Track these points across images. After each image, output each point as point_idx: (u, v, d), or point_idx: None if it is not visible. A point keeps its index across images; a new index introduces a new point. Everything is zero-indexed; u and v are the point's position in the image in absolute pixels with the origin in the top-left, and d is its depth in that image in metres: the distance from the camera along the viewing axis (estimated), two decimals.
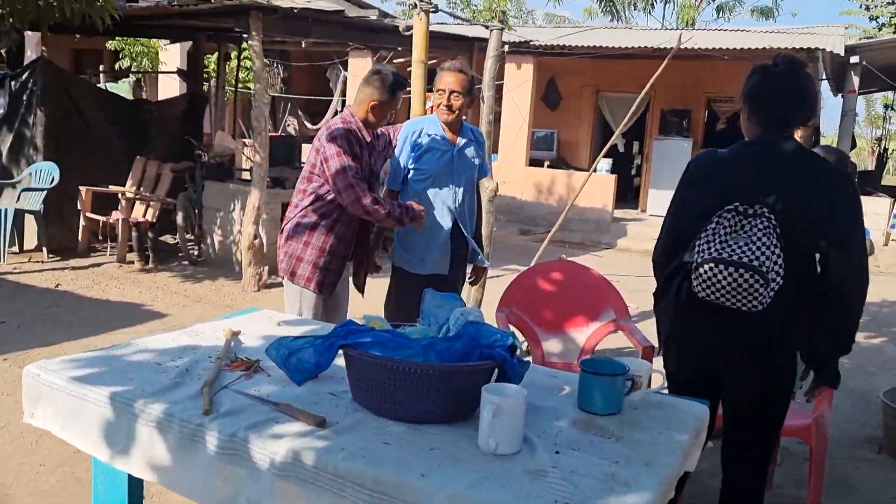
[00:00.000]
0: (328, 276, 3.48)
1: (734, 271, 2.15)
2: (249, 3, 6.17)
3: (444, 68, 3.53)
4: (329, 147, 3.29)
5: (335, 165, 3.26)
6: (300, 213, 3.44)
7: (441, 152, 3.59)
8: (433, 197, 3.60)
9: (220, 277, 7.42)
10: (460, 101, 3.52)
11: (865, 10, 19.24)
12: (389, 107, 3.43)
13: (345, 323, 2.00)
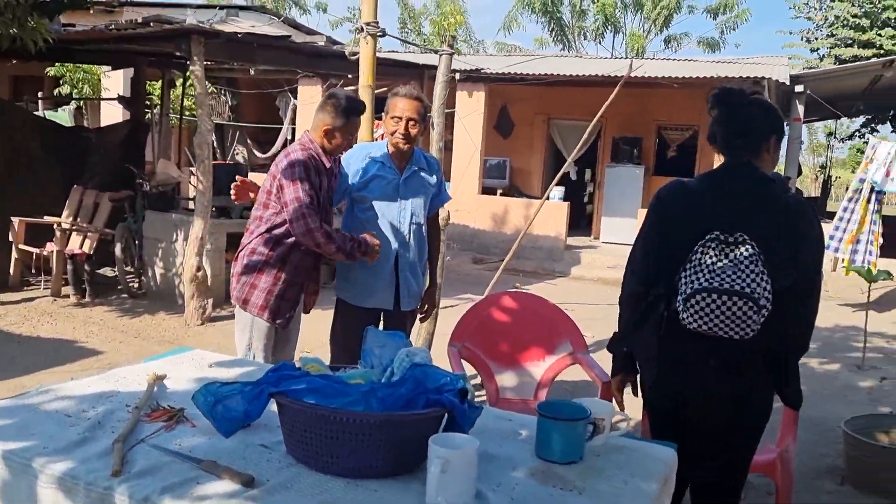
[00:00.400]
0: (283, 306, 3.35)
1: (727, 300, 2.12)
2: (190, 27, 5.96)
3: (399, 94, 3.36)
4: (286, 174, 3.17)
5: (290, 194, 3.15)
6: (256, 240, 3.31)
7: (387, 180, 3.43)
8: (377, 227, 3.42)
9: (161, 311, 7.10)
10: (417, 129, 3.37)
11: (806, 41, 19.82)
12: (345, 131, 3.27)
13: (278, 366, 1.80)
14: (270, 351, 3.41)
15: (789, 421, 3.14)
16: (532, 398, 3.48)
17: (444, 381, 1.75)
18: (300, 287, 3.40)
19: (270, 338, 3.37)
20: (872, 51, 16.67)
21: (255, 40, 6.58)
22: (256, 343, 3.34)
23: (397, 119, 3.33)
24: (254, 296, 3.29)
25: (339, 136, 3.25)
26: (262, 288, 3.29)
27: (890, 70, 11.08)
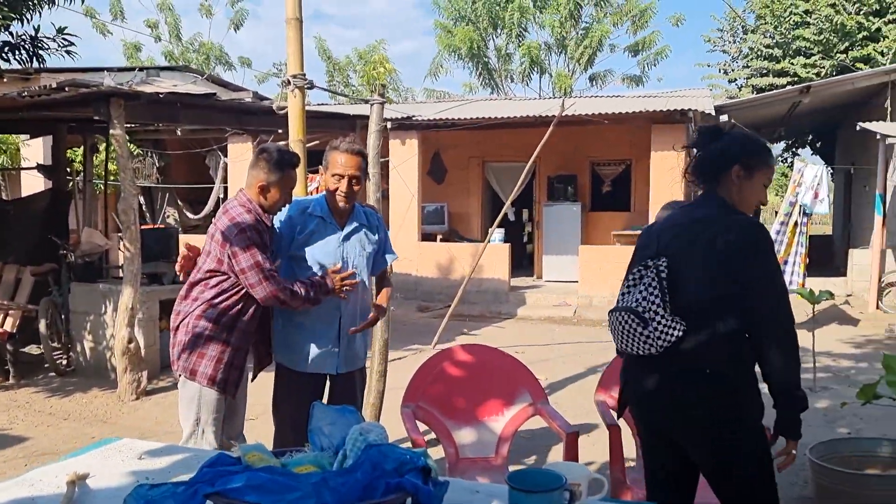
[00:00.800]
0: (232, 374, 3.16)
1: (619, 315, 2.36)
2: (108, 89, 5.73)
3: (340, 149, 3.19)
4: (237, 240, 3.03)
5: (246, 261, 3.02)
6: (202, 306, 3.11)
7: (327, 238, 3.25)
8: None
9: (94, 388, 6.69)
10: (359, 187, 3.23)
11: (724, 73, 20.52)
12: (281, 186, 3.12)
13: (213, 459, 1.59)
14: (221, 425, 3.18)
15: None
16: (494, 455, 3.30)
17: (403, 460, 1.57)
18: (246, 353, 3.23)
19: (220, 410, 3.16)
20: (787, 79, 17.32)
21: (179, 100, 6.36)
22: (206, 416, 3.13)
23: (339, 177, 3.18)
24: (202, 365, 3.10)
25: (274, 191, 3.12)
26: (210, 356, 3.10)
27: (807, 96, 11.49)
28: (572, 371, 7.52)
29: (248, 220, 3.04)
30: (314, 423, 1.80)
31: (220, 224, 3.09)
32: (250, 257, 3.00)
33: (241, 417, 3.36)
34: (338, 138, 3.29)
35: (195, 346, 3.08)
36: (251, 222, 3.04)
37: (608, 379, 3.44)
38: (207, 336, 3.08)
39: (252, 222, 3.04)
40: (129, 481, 1.97)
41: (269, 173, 3.09)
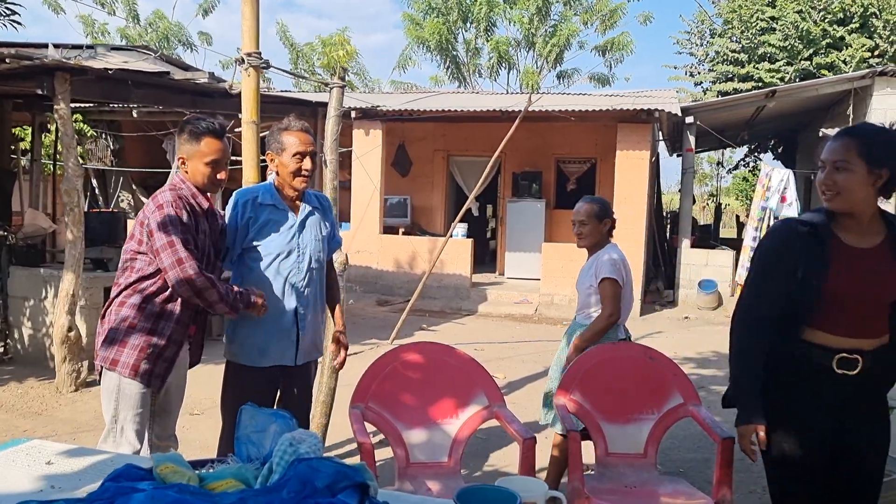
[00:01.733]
0: (159, 366, 2.89)
1: None
2: (53, 62, 5.41)
3: (293, 129, 3.04)
4: (154, 217, 2.79)
5: (160, 239, 2.77)
6: (126, 292, 2.87)
7: (281, 225, 3.07)
8: (274, 277, 3.06)
9: (30, 378, 6.36)
10: (315, 164, 3.09)
11: (690, 76, 20.59)
12: (200, 155, 2.86)
13: (118, 472, 1.38)
14: (146, 423, 2.94)
15: (724, 464, 2.89)
16: (447, 459, 3.12)
17: (337, 477, 1.38)
18: (180, 346, 2.96)
19: (145, 406, 2.90)
20: (751, 83, 17.42)
21: (130, 77, 6.05)
22: (125, 413, 2.86)
23: (300, 155, 3.01)
24: (123, 355, 2.83)
25: (194, 161, 2.87)
26: (133, 345, 2.83)
27: (772, 100, 11.51)
28: (531, 370, 7.39)
29: (168, 197, 2.81)
30: (241, 430, 1.61)
31: (146, 204, 2.87)
32: (163, 236, 2.75)
33: (174, 417, 3.11)
34: (281, 121, 3.10)
35: (117, 333, 2.83)
36: (171, 199, 2.80)
37: (569, 381, 3.28)
38: (131, 323, 2.82)
39: (172, 199, 2.81)
40: (32, 489, 1.75)
41: (186, 143, 2.88)
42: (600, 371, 3.34)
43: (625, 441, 3.25)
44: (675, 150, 16.05)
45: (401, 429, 3.08)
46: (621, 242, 11.99)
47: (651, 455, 3.23)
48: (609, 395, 3.31)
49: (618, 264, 3.80)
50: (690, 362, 7.81)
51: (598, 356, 3.41)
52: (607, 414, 3.27)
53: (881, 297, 2.32)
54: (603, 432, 3.24)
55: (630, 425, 3.27)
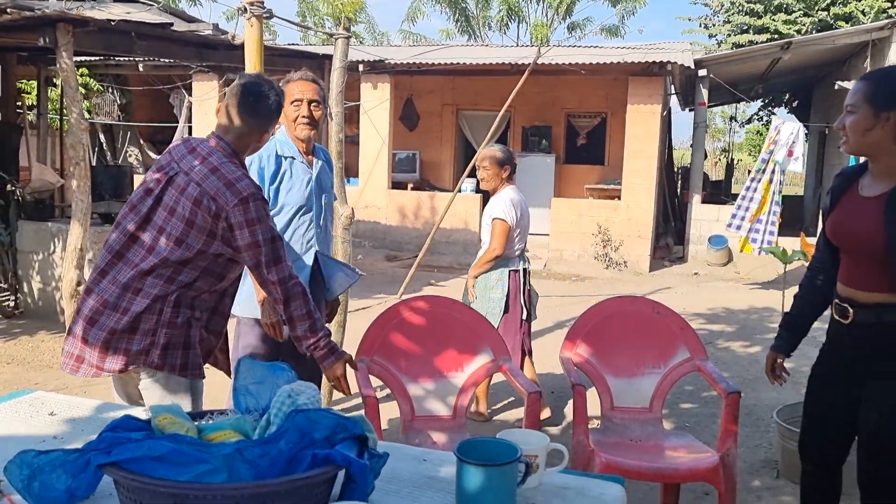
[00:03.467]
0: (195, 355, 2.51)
1: None
2: (54, 13, 5.32)
3: (294, 79, 3.05)
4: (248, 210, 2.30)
5: (263, 233, 2.32)
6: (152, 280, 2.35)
7: (301, 179, 3.09)
8: (293, 231, 3.09)
9: (41, 331, 6.41)
10: (320, 112, 3.07)
11: (704, 28, 20.20)
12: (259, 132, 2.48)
13: (116, 422, 1.37)
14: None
15: (730, 418, 2.88)
16: (452, 412, 3.13)
17: (336, 429, 1.37)
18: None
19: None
20: (767, 35, 17.07)
21: (133, 29, 5.96)
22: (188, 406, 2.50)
23: (298, 102, 3.01)
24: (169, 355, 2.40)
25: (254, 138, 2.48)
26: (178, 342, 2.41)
27: (787, 52, 11.27)
28: (539, 325, 7.38)
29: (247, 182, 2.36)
30: (239, 382, 1.60)
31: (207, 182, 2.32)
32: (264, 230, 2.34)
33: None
34: (292, 72, 3.10)
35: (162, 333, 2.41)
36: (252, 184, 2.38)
37: (575, 333, 3.27)
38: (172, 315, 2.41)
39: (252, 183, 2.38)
40: (34, 440, 1.76)
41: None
42: (607, 325, 3.32)
43: (630, 395, 3.23)
44: (688, 104, 15.82)
45: (406, 382, 3.08)
46: (633, 197, 11.97)
47: (657, 409, 3.23)
48: (615, 349, 3.28)
49: (509, 205, 4.36)
50: (699, 318, 7.79)
51: (605, 310, 3.37)
52: (613, 368, 3.25)
53: (866, 248, 2.27)
54: (609, 386, 3.22)
55: (636, 379, 3.24)
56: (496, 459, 1.48)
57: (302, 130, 3.05)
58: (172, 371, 2.40)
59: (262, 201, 2.35)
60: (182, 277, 2.37)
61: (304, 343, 2.41)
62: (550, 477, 1.63)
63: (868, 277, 2.30)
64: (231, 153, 2.41)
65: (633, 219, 11.19)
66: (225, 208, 2.29)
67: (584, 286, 9.96)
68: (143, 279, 2.35)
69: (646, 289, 9.56)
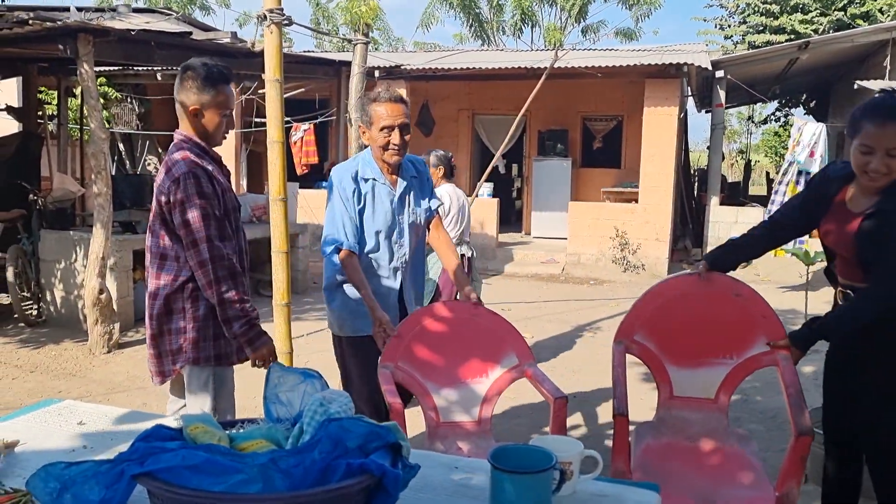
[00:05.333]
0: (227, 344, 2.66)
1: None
2: (75, 24, 5.37)
3: (381, 99, 2.97)
4: (179, 195, 2.45)
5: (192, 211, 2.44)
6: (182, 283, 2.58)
7: (382, 202, 3.07)
8: (379, 255, 3.11)
9: (65, 339, 6.46)
10: (409, 136, 3.02)
11: (720, 29, 20.09)
12: (218, 106, 2.56)
13: (148, 432, 1.36)
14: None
15: (796, 460, 2.51)
16: (476, 419, 3.11)
17: (369, 437, 1.35)
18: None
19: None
20: (784, 36, 16.97)
21: (152, 38, 6.01)
22: (225, 402, 2.69)
23: (388, 129, 2.94)
24: (202, 348, 2.60)
25: (212, 113, 2.56)
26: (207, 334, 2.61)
27: (805, 52, 11.19)
28: (559, 330, 7.35)
29: (183, 167, 2.50)
30: (270, 390, 1.58)
31: (160, 179, 2.55)
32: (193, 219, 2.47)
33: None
34: (373, 89, 3.06)
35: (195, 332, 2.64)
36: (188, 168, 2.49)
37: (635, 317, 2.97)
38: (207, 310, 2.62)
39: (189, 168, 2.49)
40: (65, 449, 1.77)
41: (199, 91, 2.55)
42: (673, 307, 2.93)
43: (693, 386, 2.89)
44: (704, 105, 15.73)
45: (430, 388, 3.06)
46: (650, 200, 11.91)
47: (723, 402, 2.87)
48: (680, 334, 2.91)
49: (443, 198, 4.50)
50: None
51: (673, 289, 2.98)
52: (675, 356, 2.90)
53: (853, 255, 2.55)
54: (668, 375, 2.89)
55: (702, 370, 2.88)
56: (530, 466, 1.46)
57: (392, 157, 3.00)
58: (208, 362, 2.54)
59: (196, 180, 2.45)
60: (185, 272, 2.55)
61: (233, 325, 2.51)
62: (585, 484, 1.61)
63: (863, 273, 2.57)
64: (184, 140, 2.59)
65: (651, 221, 11.13)
66: (163, 192, 2.50)
67: (602, 290, 9.92)
68: (157, 281, 2.57)
69: None
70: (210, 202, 2.49)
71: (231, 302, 2.49)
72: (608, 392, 5.24)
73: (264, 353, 2.57)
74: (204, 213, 2.47)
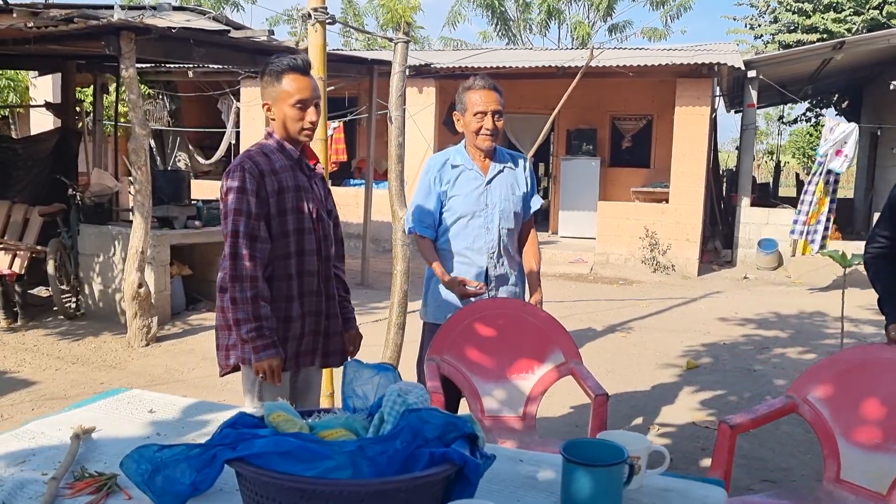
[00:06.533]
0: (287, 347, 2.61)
1: None
2: (119, 22, 5.46)
3: (476, 87, 3.09)
4: (224, 189, 2.51)
5: (231, 223, 2.46)
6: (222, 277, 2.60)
7: (470, 186, 3.16)
8: (463, 239, 3.19)
9: (104, 332, 6.57)
10: (502, 122, 3.13)
11: (750, 28, 19.92)
12: (289, 97, 2.48)
13: (233, 419, 1.41)
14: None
15: None
16: (520, 415, 3.13)
17: (447, 427, 1.38)
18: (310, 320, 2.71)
19: (284, 390, 2.61)
20: (816, 35, 16.79)
21: (192, 36, 6.08)
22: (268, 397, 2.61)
23: (481, 114, 3.06)
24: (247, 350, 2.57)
25: (280, 105, 2.50)
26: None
27: (839, 52, 11.06)
28: (590, 330, 7.35)
29: (237, 161, 2.52)
30: (347, 384, 1.62)
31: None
32: (232, 218, 2.47)
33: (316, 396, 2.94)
34: (468, 79, 3.14)
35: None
36: (238, 162, 2.51)
37: (813, 375, 2.62)
38: None
39: (239, 162, 2.50)
40: (139, 436, 1.82)
41: (267, 86, 2.53)
42: (858, 374, 2.52)
43: (865, 471, 2.43)
44: (734, 105, 15.61)
45: (476, 383, 3.09)
46: (681, 200, 11.87)
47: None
48: (858, 408, 2.49)
49: None
50: (750, 323, 7.69)
51: (863, 356, 2.59)
52: (850, 431, 2.48)
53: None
54: (838, 452, 2.47)
55: (878, 454, 2.39)
56: (600, 460, 1.49)
57: (484, 142, 3.10)
58: (250, 365, 2.51)
59: (241, 173, 2.46)
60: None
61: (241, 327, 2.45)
62: (651, 479, 1.63)
63: None
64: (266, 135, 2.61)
65: (682, 222, 11.07)
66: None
67: (632, 290, 9.89)
68: (223, 273, 2.51)
69: (695, 293, 9.46)
70: (247, 197, 2.45)
71: (241, 303, 2.43)
72: (642, 394, 5.25)
73: (264, 366, 2.45)
74: (237, 207, 2.45)
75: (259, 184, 2.49)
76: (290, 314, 2.60)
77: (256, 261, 2.46)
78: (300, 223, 2.58)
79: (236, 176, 2.48)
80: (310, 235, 2.63)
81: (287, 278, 2.58)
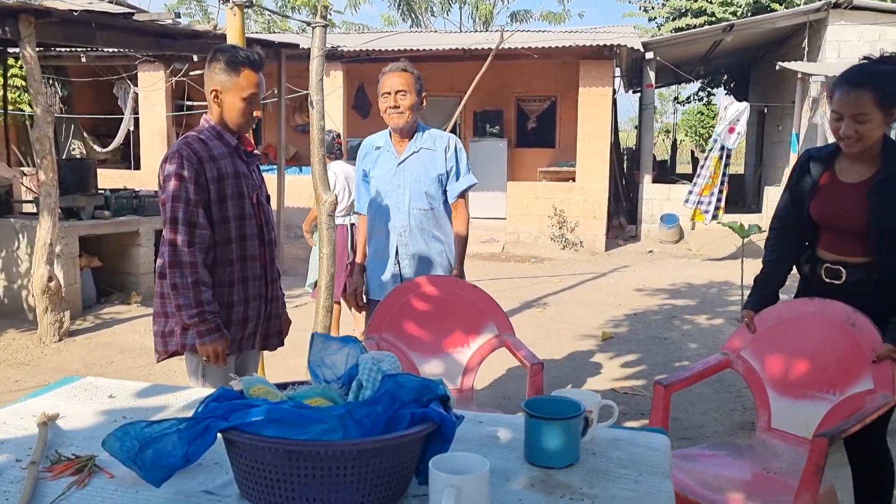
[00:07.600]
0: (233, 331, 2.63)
1: None
2: (16, 4, 5.22)
3: (384, 72, 3.25)
4: (162, 176, 2.50)
5: (169, 209, 2.47)
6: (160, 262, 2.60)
7: (386, 165, 3.34)
8: (379, 215, 3.36)
9: (10, 329, 6.31)
10: (408, 100, 3.21)
11: (644, 11, 20.64)
12: (242, 91, 2.52)
13: (218, 394, 1.46)
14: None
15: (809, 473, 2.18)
16: (458, 386, 3.26)
17: (422, 390, 1.48)
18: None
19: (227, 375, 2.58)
20: (704, 18, 17.57)
21: (94, 19, 5.87)
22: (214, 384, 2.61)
23: (386, 95, 3.22)
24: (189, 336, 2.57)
25: (232, 96, 2.53)
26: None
27: (730, 34, 11.67)
28: (506, 307, 7.55)
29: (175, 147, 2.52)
30: (314, 355, 1.69)
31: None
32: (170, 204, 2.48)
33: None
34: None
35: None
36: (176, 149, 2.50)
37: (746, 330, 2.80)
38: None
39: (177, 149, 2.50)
40: (105, 420, 1.83)
41: (221, 73, 2.54)
42: (783, 330, 2.70)
43: (791, 419, 2.60)
44: (632, 86, 16.21)
45: (415, 358, 3.19)
46: (587, 179, 12.26)
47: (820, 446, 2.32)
48: (786, 362, 2.66)
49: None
50: (659, 294, 8.09)
51: (786, 312, 2.73)
52: (779, 384, 2.65)
53: (853, 228, 2.53)
54: (769, 403, 2.65)
55: (803, 402, 2.57)
56: (558, 415, 1.62)
57: (391, 119, 3.25)
58: (192, 351, 2.53)
59: (179, 160, 2.47)
60: None
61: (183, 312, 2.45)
62: (602, 431, 1.78)
63: (855, 247, 2.56)
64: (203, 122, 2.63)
65: (588, 199, 11.47)
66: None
67: (544, 267, 10.20)
68: (160, 260, 2.53)
69: (604, 268, 9.84)
70: (185, 184, 2.46)
71: (182, 288, 2.44)
72: (562, 364, 5.49)
73: (209, 350, 2.48)
74: (175, 194, 2.46)
75: (198, 170, 2.49)
76: (233, 299, 2.62)
77: (196, 247, 2.47)
78: (241, 209, 2.61)
79: (174, 163, 2.48)
80: (251, 221, 2.66)
81: (229, 263, 2.60)
